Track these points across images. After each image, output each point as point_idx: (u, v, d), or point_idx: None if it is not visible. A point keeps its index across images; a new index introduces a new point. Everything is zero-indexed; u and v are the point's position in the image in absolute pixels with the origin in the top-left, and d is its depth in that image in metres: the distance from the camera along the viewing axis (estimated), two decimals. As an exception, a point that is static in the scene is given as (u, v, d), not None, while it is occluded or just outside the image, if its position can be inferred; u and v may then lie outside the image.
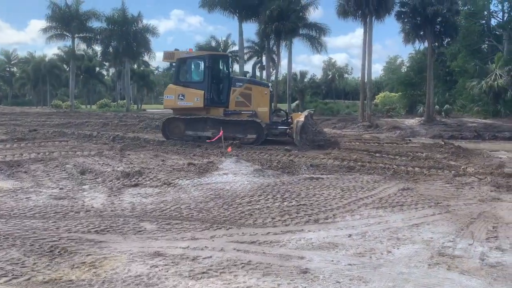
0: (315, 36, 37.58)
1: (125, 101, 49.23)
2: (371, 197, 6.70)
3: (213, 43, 69.64)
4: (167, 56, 14.00)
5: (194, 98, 13.04)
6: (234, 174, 8.26)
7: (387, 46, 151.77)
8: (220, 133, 11.94)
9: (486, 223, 5.31)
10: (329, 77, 70.79)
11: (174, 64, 14.09)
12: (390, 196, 6.78)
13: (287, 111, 15.52)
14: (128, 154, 10.54)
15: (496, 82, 32.48)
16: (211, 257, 4.16)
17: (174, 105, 13.47)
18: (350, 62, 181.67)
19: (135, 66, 60.58)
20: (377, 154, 11.73)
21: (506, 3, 41.10)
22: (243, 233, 4.88)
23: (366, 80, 29.69)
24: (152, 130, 17.34)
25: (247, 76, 14.88)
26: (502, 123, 27.72)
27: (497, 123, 28.25)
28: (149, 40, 45.01)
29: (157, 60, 69.69)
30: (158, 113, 32.98)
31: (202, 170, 8.66)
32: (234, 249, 4.39)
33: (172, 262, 3.98)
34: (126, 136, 14.31)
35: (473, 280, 3.63)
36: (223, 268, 3.85)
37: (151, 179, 7.81)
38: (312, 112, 17.14)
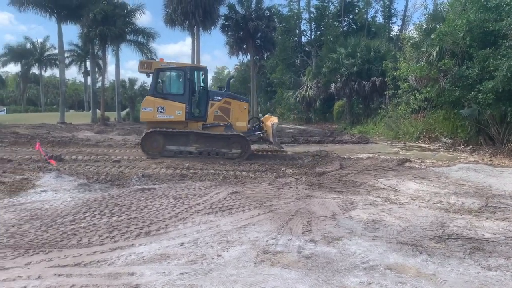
0: (144, 42, 37.00)
1: None
2: (203, 203, 6.85)
3: (28, 45, 62.34)
4: (144, 65, 12.50)
5: (175, 111, 12.26)
6: (54, 191, 7.45)
7: (216, 57, 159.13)
8: (37, 145, 10.69)
9: (302, 219, 5.96)
10: (160, 85, 70.22)
11: (151, 74, 12.53)
12: (220, 200, 7.05)
13: (259, 117, 14.84)
14: None
15: (307, 93, 37.07)
16: (25, 287, 3.66)
17: (153, 118, 12.28)
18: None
19: None
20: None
21: (313, 23, 47.45)
22: (65, 255, 4.43)
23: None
24: None
25: (222, 90, 13.89)
26: (313, 129, 31.79)
27: (310, 128, 32.28)
28: None
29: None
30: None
31: (15, 189, 7.57)
32: (55, 274, 3.94)
33: (-27, 302, 3.36)
34: None
35: (292, 273, 4.03)
36: (40, 299, 3.42)
37: None
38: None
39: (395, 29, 46.96)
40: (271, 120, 13.26)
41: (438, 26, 17.51)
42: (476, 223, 5.93)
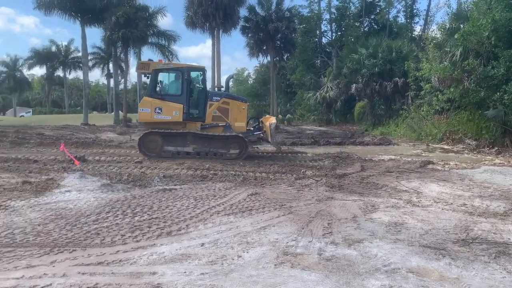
0: (165, 44, 37.39)
1: None
2: (223, 204, 6.89)
3: (53, 48, 63.85)
4: (142, 66, 12.72)
5: (173, 112, 12.33)
6: (78, 191, 7.62)
7: (236, 59, 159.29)
8: (61, 146, 10.96)
9: (322, 221, 5.93)
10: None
11: (149, 75, 12.74)
12: (240, 202, 7.07)
13: (257, 117, 14.97)
14: None
15: (328, 94, 36.85)
16: (51, 285, 3.75)
17: (150, 118, 12.41)
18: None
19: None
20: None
21: (334, 24, 47.15)
22: (89, 254, 4.52)
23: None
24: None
25: (221, 90, 14.01)
26: (334, 130, 31.55)
27: (330, 129, 32.04)
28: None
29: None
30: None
31: (40, 189, 7.77)
32: (79, 272, 4.03)
33: (1, 297, 3.46)
34: None
35: (313, 275, 4.01)
36: (65, 296, 3.51)
37: (-26, 203, 6.69)
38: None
39: (418, 29, 46.29)
40: (270, 120, 13.20)
41: (462, 26, 17.17)
42: (502, 226, 5.79)
